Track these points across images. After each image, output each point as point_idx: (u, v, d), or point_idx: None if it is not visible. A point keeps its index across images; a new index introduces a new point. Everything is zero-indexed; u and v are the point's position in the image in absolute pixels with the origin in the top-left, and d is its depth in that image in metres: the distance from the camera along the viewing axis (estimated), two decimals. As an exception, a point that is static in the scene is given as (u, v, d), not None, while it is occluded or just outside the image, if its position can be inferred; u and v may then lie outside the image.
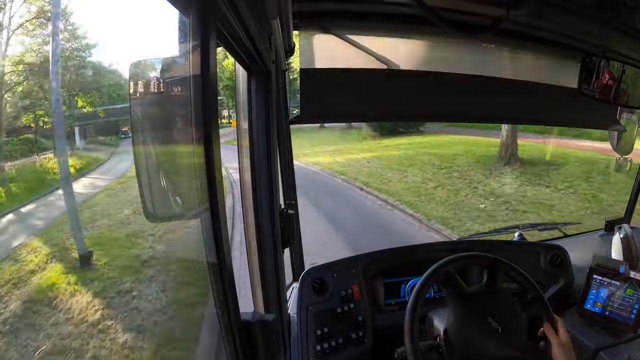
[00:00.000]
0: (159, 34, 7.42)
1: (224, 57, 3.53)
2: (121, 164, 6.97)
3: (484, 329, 1.01)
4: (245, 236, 1.02)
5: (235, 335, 0.55)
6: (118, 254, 4.12)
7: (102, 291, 3.53)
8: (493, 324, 1.01)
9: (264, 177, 0.93)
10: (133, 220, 4.66)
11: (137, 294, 3.51)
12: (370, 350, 1.30)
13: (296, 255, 1.49)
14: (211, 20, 0.46)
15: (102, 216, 4.91)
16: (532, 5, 0.99)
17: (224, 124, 11.06)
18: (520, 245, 1.67)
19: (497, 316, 1.02)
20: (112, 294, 3.50)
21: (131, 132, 0.53)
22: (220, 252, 0.49)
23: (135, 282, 3.70)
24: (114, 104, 7.20)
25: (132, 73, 0.54)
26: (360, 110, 1.45)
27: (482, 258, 1.12)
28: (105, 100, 7.17)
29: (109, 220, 4.82)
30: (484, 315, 1.02)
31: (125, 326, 3.11)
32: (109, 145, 7.81)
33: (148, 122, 0.56)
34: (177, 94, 0.57)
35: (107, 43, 8.86)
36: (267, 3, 0.68)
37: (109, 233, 4.54)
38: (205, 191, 0.46)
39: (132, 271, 3.88)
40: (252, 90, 0.91)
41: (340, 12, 1.27)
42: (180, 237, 4.46)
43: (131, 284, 3.64)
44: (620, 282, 1.33)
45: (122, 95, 6.93)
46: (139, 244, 4.35)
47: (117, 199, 5.47)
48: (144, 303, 3.42)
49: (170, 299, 3.52)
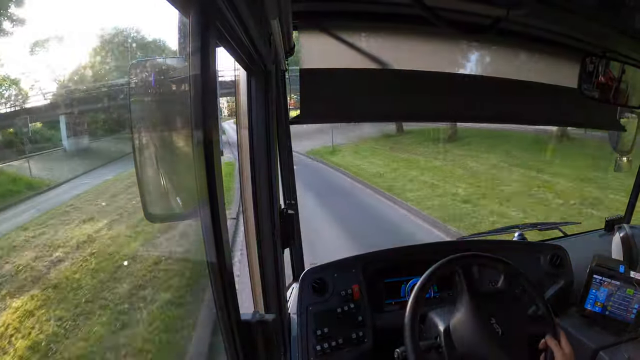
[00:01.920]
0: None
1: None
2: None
3: (486, 329, 1.01)
4: (245, 236, 1.02)
5: (235, 335, 0.55)
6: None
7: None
8: (495, 326, 1.00)
9: (264, 177, 0.93)
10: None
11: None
12: (370, 350, 1.30)
13: (296, 255, 1.49)
14: (211, 20, 0.46)
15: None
16: (532, 5, 0.99)
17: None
18: (520, 245, 1.67)
19: (500, 319, 1.01)
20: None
21: (131, 132, 0.53)
22: (220, 252, 0.49)
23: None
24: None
25: (132, 73, 0.54)
26: (361, 110, 1.45)
27: (497, 261, 1.11)
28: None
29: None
30: (488, 316, 1.02)
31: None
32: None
33: (148, 122, 0.56)
34: (177, 94, 0.57)
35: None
36: (267, 3, 0.68)
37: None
38: (205, 191, 0.46)
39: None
40: (252, 90, 0.91)
41: (340, 12, 1.27)
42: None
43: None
44: (620, 282, 1.33)
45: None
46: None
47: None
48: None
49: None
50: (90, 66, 6.93)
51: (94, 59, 7.46)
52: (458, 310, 1.06)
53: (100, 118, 6.56)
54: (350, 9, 1.26)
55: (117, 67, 7.02)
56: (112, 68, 7.17)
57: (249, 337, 0.59)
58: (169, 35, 7.14)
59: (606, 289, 1.35)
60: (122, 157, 6.01)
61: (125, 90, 5.64)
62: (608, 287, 1.34)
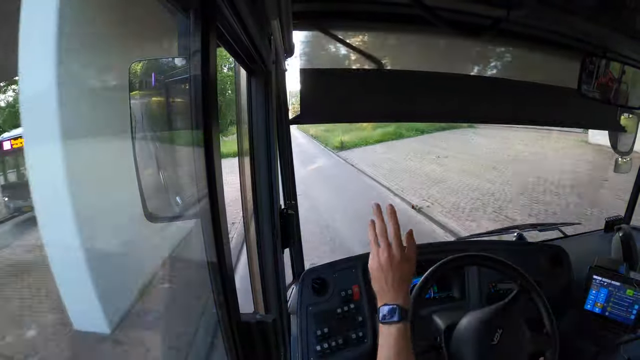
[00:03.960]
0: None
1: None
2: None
3: (488, 339, 1.00)
4: (245, 236, 1.02)
5: (235, 335, 0.55)
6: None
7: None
8: (496, 336, 0.99)
9: (264, 177, 0.93)
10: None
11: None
12: (370, 350, 1.30)
13: (296, 255, 1.49)
14: (211, 20, 0.46)
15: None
16: (532, 6, 0.99)
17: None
18: (520, 246, 1.67)
19: (505, 333, 1.00)
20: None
21: (131, 132, 0.53)
22: (220, 252, 0.49)
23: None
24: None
25: (132, 73, 0.54)
26: (361, 110, 1.44)
27: (512, 269, 1.10)
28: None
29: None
30: (495, 327, 1.00)
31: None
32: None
33: (148, 123, 0.56)
34: (177, 94, 0.57)
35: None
36: (267, 3, 0.68)
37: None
38: (205, 191, 0.46)
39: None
40: (252, 90, 0.92)
41: (340, 12, 1.27)
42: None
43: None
44: (620, 282, 1.33)
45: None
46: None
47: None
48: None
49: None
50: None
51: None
52: (465, 316, 1.05)
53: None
54: (350, 9, 1.26)
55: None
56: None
57: (249, 338, 0.59)
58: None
59: (606, 289, 1.35)
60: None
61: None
62: (608, 287, 1.34)
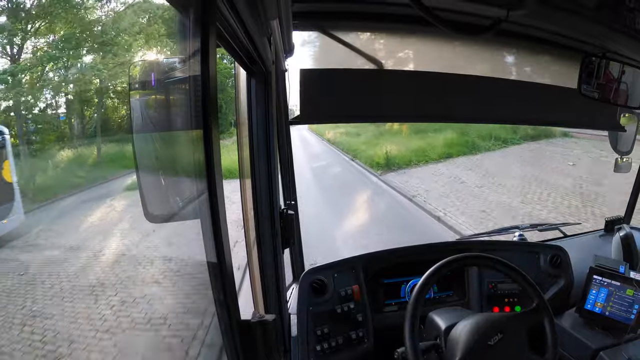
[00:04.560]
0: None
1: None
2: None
3: (487, 337, 1.00)
4: (245, 237, 1.02)
5: (235, 335, 0.55)
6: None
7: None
8: (495, 339, 0.99)
9: (264, 177, 0.93)
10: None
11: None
12: (370, 350, 1.30)
13: (296, 255, 1.49)
14: (211, 20, 0.46)
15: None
16: (532, 6, 0.99)
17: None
18: (520, 246, 1.67)
19: (505, 338, 1.00)
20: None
21: (131, 132, 0.53)
22: (220, 252, 0.48)
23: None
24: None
25: (132, 73, 0.54)
26: (360, 110, 1.44)
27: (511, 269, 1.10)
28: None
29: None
30: (497, 329, 1.01)
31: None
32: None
33: (148, 122, 0.56)
34: (177, 94, 0.57)
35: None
36: (267, 3, 0.68)
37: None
38: (205, 191, 0.46)
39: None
40: (252, 90, 0.92)
41: (339, 12, 1.27)
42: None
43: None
44: (620, 282, 1.33)
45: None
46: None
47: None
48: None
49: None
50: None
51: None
52: (468, 318, 1.05)
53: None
54: (350, 9, 1.26)
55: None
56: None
57: (249, 337, 0.59)
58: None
59: (606, 289, 1.34)
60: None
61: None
62: (608, 287, 1.34)
